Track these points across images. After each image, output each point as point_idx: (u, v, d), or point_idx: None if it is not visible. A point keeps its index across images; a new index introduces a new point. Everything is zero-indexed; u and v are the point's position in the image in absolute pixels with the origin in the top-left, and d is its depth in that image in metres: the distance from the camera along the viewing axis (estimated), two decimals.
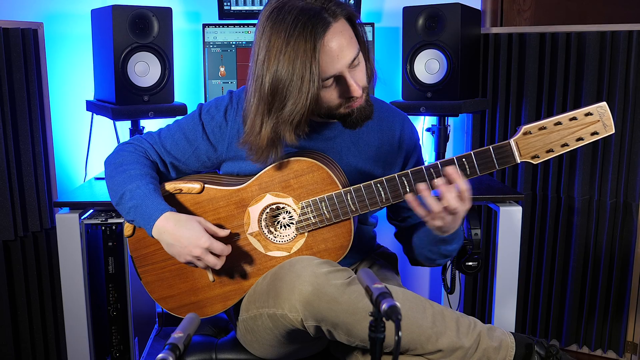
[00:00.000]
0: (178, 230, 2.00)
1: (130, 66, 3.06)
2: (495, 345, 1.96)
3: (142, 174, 2.11)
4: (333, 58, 1.89)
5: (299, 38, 1.83)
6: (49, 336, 3.32)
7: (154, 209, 2.03)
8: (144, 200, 2.04)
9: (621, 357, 3.64)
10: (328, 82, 1.93)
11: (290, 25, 1.84)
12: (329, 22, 1.87)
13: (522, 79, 3.59)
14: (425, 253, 2.25)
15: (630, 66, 3.36)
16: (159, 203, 2.05)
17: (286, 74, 1.86)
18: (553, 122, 1.88)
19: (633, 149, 3.42)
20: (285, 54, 1.85)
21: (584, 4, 3.88)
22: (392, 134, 2.26)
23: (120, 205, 2.12)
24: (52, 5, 3.65)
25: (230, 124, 2.19)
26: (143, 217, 2.04)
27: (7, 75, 3.04)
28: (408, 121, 2.32)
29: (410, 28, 3.26)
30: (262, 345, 2.13)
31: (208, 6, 3.69)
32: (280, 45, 1.86)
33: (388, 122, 2.27)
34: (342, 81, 1.95)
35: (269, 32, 1.89)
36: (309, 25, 1.83)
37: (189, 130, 2.22)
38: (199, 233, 2.00)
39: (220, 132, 2.19)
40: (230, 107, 2.20)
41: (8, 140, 3.04)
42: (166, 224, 2.01)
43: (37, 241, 3.23)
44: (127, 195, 2.07)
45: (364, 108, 2.04)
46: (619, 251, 3.54)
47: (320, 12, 1.86)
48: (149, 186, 2.08)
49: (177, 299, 2.23)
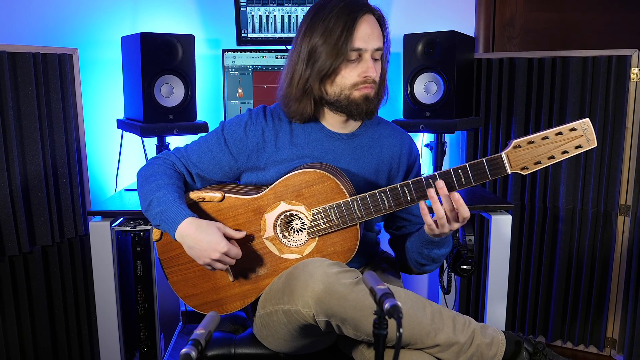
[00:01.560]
0: (199, 234, 2.02)
1: (157, 88, 3.07)
2: (488, 341, 1.96)
3: (168, 184, 2.14)
4: (364, 36, 2.06)
5: (340, 15, 2.04)
6: (83, 332, 3.32)
7: (177, 215, 2.05)
8: (168, 207, 2.07)
9: (601, 351, 3.64)
10: (352, 55, 2.07)
11: (332, 9, 2.06)
12: (367, 11, 2.07)
13: (512, 99, 3.60)
14: (416, 257, 2.27)
15: (610, 88, 3.37)
16: (182, 209, 2.07)
17: (323, 38, 2.05)
18: (540, 137, 1.89)
19: (612, 164, 3.43)
20: (324, 28, 2.05)
21: (568, 31, 3.89)
22: (396, 150, 2.29)
23: (148, 211, 2.14)
24: (85, 32, 3.67)
25: (250, 137, 2.21)
26: (167, 221, 2.07)
27: (45, 96, 3.05)
28: (410, 139, 2.36)
29: (410, 53, 3.27)
30: (277, 340, 2.13)
31: (227, 34, 3.72)
32: (322, 26, 2.06)
33: (393, 139, 2.30)
34: (362, 61, 2.09)
35: (310, 19, 2.11)
36: (351, 6, 2.05)
37: (212, 144, 2.24)
38: (218, 238, 2.03)
39: (241, 145, 2.22)
40: (249, 122, 2.23)
41: (46, 155, 3.05)
42: (188, 229, 2.03)
43: (72, 247, 3.23)
44: (154, 202, 2.10)
45: (370, 101, 2.14)
46: (600, 256, 3.54)
47: (361, 4, 2.06)
48: (173, 194, 2.11)
49: (200, 297, 2.24)
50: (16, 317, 2.97)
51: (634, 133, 3.36)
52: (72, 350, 3.27)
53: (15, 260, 2.95)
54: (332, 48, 2.03)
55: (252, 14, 3.43)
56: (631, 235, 3.43)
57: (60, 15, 3.64)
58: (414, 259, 2.29)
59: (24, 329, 3.01)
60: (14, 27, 3.59)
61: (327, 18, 2.05)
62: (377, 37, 2.08)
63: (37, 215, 3.04)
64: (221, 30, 3.76)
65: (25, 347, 3.02)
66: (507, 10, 3.90)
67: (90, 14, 3.66)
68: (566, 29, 3.89)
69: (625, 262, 3.47)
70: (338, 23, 2.03)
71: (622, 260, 3.48)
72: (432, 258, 2.23)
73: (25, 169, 2.97)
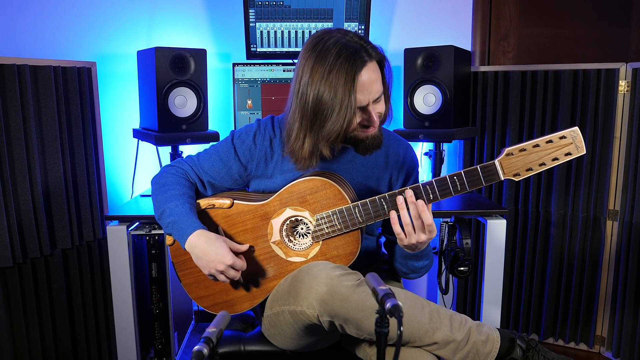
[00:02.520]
0: (207, 247, 2.04)
1: (171, 99, 3.08)
2: (483, 339, 1.96)
3: (180, 194, 2.16)
4: (364, 91, 1.94)
5: (341, 68, 1.89)
6: (101, 331, 3.33)
7: (188, 226, 2.07)
8: (180, 218, 2.09)
9: (591, 348, 3.63)
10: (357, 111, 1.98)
11: (334, 56, 1.90)
12: (366, 60, 1.93)
13: (507, 110, 3.60)
14: (399, 266, 2.30)
15: (599, 99, 3.37)
16: (192, 221, 2.09)
17: (328, 97, 1.91)
18: (532, 145, 1.89)
19: (601, 172, 3.43)
20: (327, 80, 1.90)
21: (559, 46, 3.89)
22: (396, 158, 2.28)
23: (161, 219, 2.15)
24: (103, 47, 3.68)
25: (259, 147, 2.22)
26: (178, 232, 2.08)
27: (65, 107, 3.06)
28: (410, 148, 2.35)
29: (410, 67, 3.27)
30: (283, 338, 2.14)
31: (237, 48, 3.73)
32: (323, 72, 1.90)
33: (393, 148, 2.29)
34: (365, 111, 2.00)
35: (313, 58, 1.94)
36: (351, 59, 1.89)
37: (223, 153, 2.25)
38: (225, 251, 2.04)
39: (250, 153, 2.23)
40: (258, 132, 2.23)
41: (66, 163, 3.06)
42: (197, 240, 2.05)
43: (91, 249, 3.24)
44: (167, 212, 2.11)
45: (376, 137, 2.07)
46: (589, 258, 3.53)
47: (360, 50, 1.92)
48: (185, 205, 2.12)
49: (211, 298, 2.25)
50: (38, 315, 2.98)
51: (622, 142, 3.36)
52: (90, 347, 3.28)
53: (37, 262, 2.95)
54: (339, 109, 1.92)
55: (260, 30, 3.44)
56: (619, 239, 3.42)
57: (79, 31, 3.65)
58: (398, 267, 2.32)
59: (45, 327, 3.02)
60: (36, 42, 3.61)
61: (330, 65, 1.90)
62: (377, 84, 1.99)
63: (57, 219, 3.05)
64: (231, 45, 3.77)
65: (46, 344, 3.03)
66: (502, 26, 3.90)
67: (108, 29, 3.68)
68: (558, 44, 3.89)
69: (614, 264, 3.47)
70: (342, 77, 1.89)
71: (611, 262, 3.48)
72: (412, 269, 2.25)
73: (47, 176, 2.98)
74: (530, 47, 3.92)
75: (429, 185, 1.98)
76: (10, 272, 2.83)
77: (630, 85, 3.29)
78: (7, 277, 2.83)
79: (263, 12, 3.41)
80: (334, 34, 1.97)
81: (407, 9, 3.81)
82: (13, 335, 2.87)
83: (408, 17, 3.81)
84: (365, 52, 1.94)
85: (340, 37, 1.95)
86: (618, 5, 3.82)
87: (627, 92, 3.32)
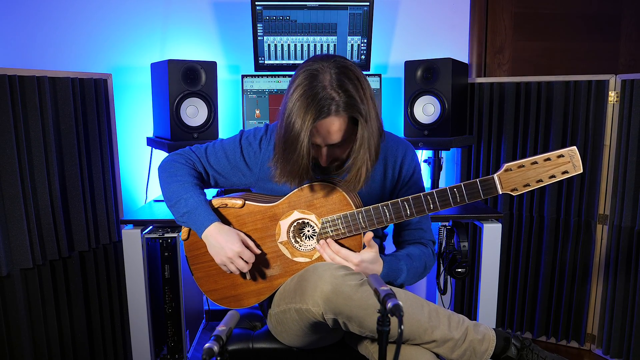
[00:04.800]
0: (221, 236, 2.10)
1: (183, 109, 3.09)
2: (480, 337, 1.97)
3: (194, 185, 2.20)
4: (319, 135, 1.94)
5: (309, 108, 1.86)
6: (117, 329, 3.33)
7: (205, 218, 2.12)
8: (196, 209, 2.14)
9: (582, 346, 3.63)
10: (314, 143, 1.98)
11: (312, 96, 1.86)
12: (329, 113, 1.87)
13: (502, 119, 3.61)
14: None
15: (590, 109, 3.38)
16: (209, 213, 2.14)
17: (294, 128, 1.89)
18: (530, 162, 1.89)
19: (592, 178, 3.43)
20: (299, 114, 1.88)
21: (552, 59, 3.90)
22: (395, 160, 2.28)
23: (174, 207, 2.19)
24: (118, 59, 3.69)
25: (264, 151, 2.25)
26: (195, 223, 2.14)
27: (82, 116, 3.06)
28: (410, 148, 2.34)
29: (410, 78, 3.27)
30: (290, 335, 2.14)
31: (246, 60, 3.74)
32: (300, 105, 1.88)
33: (393, 150, 2.29)
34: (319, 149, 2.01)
35: (299, 92, 1.90)
36: (320, 105, 1.86)
37: (229, 150, 2.28)
38: (236, 240, 2.10)
39: (255, 156, 2.26)
40: (264, 137, 2.26)
41: (83, 170, 3.07)
42: (213, 230, 2.11)
43: (107, 252, 3.24)
44: (182, 202, 2.15)
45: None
46: (581, 260, 3.53)
47: (330, 103, 1.86)
48: (200, 197, 2.17)
49: (220, 292, 2.27)
50: (56, 314, 2.98)
51: (611, 150, 3.36)
52: (106, 345, 3.28)
53: (56, 264, 2.96)
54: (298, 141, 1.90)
55: (268, 43, 3.45)
56: (609, 242, 3.43)
57: (96, 44, 3.67)
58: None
59: (63, 325, 3.02)
60: (55, 55, 3.62)
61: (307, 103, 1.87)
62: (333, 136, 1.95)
63: (75, 223, 3.05)
64: (241, 57, 3.78)
65: (64, 342, 3.03)
66: (498, 39, 3.91)
67: (123, 43, 3.69)
68: (550, 57, 3.90)
69: (604, 266, 3.47)
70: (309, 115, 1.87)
71: (601, 264, 3.48)
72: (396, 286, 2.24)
73: (65, 182, 2.99)
74: (525, 60, 3.92)
75: (430, 196, 2.00)
76: (30, 273, 2.83)
77: (620, 96, 3.30)
78: (28, 278, 2.83)
79: (271, 26, 3.41)
80: (325, 75, 1.91)
81: (407, 24, 3.82)
82: (33, 333, 2.87)
83: (408, 31, 3.82)
84: (335, 104, 1.87)
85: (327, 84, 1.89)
86: (608, 20, 3.83)
87: (616, 102, 3.32)
